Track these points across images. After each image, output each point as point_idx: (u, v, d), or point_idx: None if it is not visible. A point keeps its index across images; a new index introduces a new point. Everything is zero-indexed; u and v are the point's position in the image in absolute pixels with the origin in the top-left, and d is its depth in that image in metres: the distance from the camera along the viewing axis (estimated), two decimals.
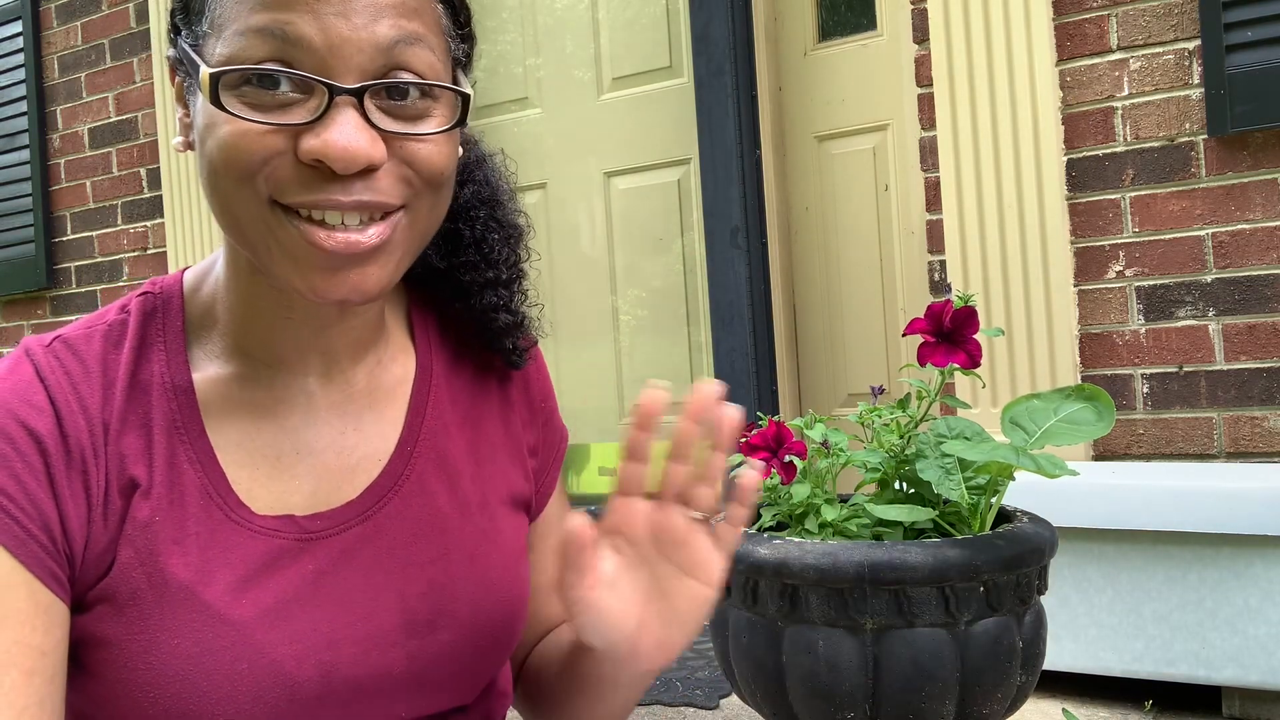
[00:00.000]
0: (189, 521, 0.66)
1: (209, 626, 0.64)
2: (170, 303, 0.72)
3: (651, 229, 2.77)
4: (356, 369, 0.75)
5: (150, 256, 3.48)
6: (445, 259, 0.80)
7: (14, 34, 3.72)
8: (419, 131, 0.63)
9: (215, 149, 0.61)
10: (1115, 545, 1.66)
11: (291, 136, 0.60)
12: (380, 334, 0.76)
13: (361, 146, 0.60)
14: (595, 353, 2.85)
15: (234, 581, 0.66)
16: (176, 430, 0.68)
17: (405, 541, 0.73)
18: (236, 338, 0.71)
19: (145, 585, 0.64)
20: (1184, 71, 1.99)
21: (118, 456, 0.66)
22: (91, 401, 0.66)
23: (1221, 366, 1.97)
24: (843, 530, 1.16)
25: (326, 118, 0.60)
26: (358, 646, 0.69)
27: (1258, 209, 1.94)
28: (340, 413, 0.74)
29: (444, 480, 0.76)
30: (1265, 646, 1.56)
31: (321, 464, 0.72)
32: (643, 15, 2.76)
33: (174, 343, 0.70)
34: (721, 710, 1.83)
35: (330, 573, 0.69)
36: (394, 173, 0.63)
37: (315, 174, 0.61)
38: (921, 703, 1.06)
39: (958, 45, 2.13)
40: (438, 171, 0.65)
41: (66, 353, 0.68)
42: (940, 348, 1.13)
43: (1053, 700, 1.73)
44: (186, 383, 0.69)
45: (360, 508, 0.72)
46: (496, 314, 0.79)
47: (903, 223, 2.42)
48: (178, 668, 0.63)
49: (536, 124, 2.92)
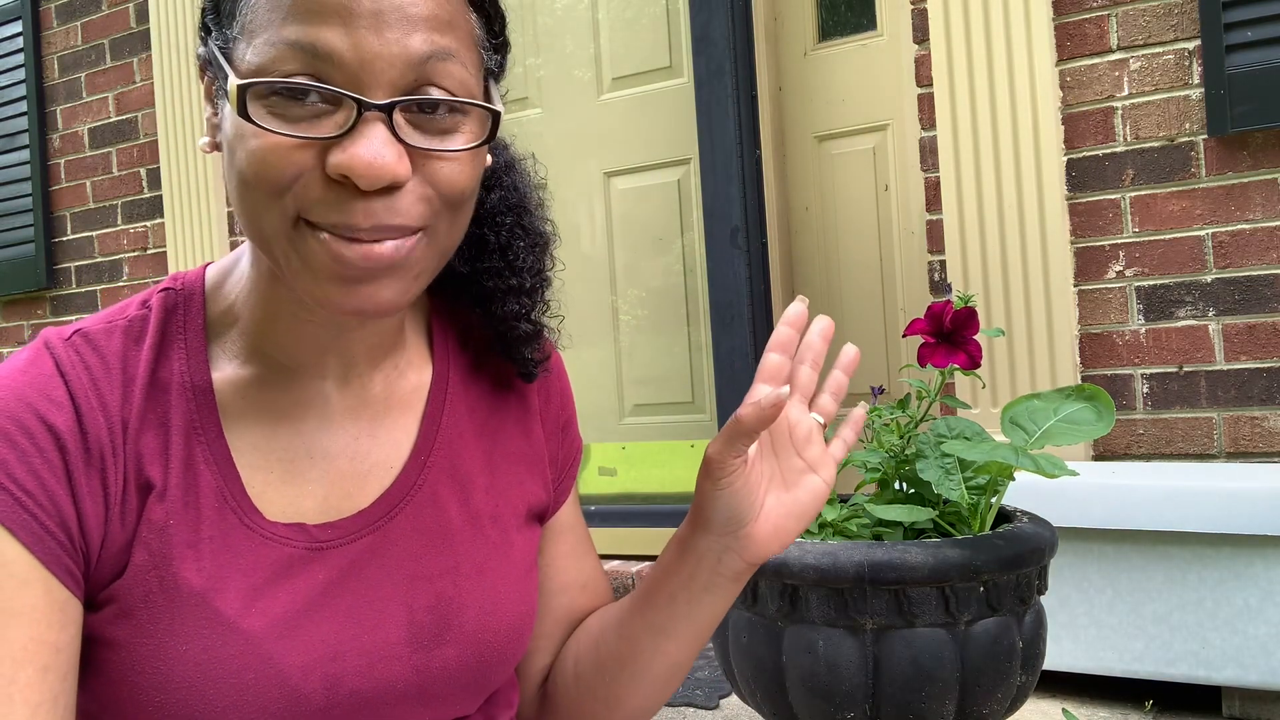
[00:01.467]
0: (204, 526, 0.66)
1: (219, 635, 0.64)
2: (192, 300, 0.72)
3: (651, 229, 2.77)
4: (374, 374, 0.75)
5: (150, 256, 3.48)
6: (469, 264, 0.79)
7: (14, 34, 3.72)
8: (446, 148, 0.63)
9: (245, 162, 0.61)
10: (1115, 545, 1.66)
11: (319, 151, 0.60)
12: (399, 341, 0.76)
13: (388, 162, 0.60)
14: (595, 352, 2.85)
15: (245, 590, 0.66)
16: (195, 431, 0.68)
17: (414, 554, 0.72)
18: (256, 339, 0.71)
19: (157, 589, 0.64)
20: (1184, 71, 1.99)
21: (135, 456, 0.66)
22: (111, 399, 0.66)
23: (1221, 366, 1.97)
24: (843, 530, 1.16)
25: (355, 132, 0.60)
26: (363, 659, 0.69)
27: (1258, 209, 1.94)
28: (355, 418, 0.74)
29: (457, 491, 0.76)
30: (1265, 646, 1.56)
31: (335, 469, 0.72)
32: (643, 15, 2.76)
33: (194, 341, 0.70)
34: (721, 710, 1.83)
35: (338, 583, 0.69)
36: (415, 192, 0.63)
37: (341, 191, 0.61)
38: (921, 703, 1.06)
39: (958, 45, 2.13)
40: (459, 192, 0.65)
41: (87, 347, 0.67)
42: (940, 348, 1.13)
43: (1053, 700, 1.73)
44: (206, 383, 0.69)
45: (371, 517, 0.72)
46: (518, 322, 0.78)
47: (903, 223, 2.42)
48: (186, 675, 0.63)
49: (536, 124, 2.92)
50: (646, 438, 2.79)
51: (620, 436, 2.81)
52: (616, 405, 2.81)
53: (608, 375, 2.83)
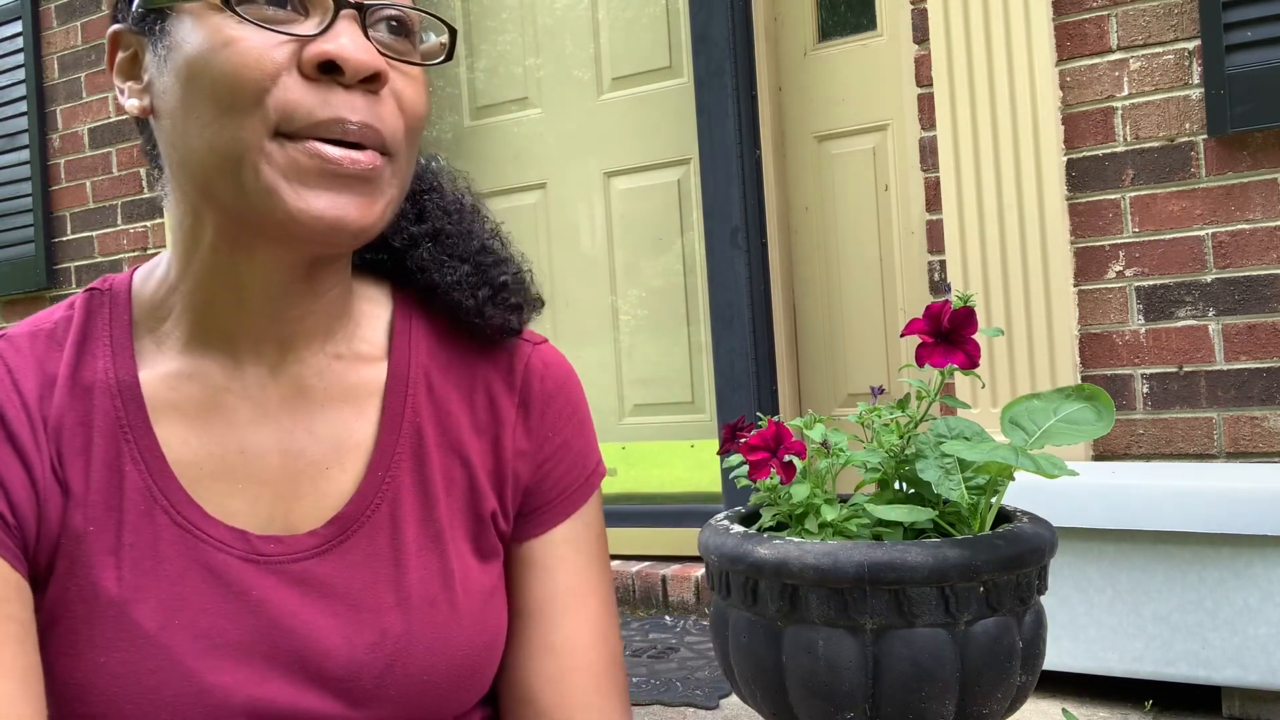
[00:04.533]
0: (125, 531, 0.64)
1: (138, 648, 0.62)
2: (118, 298, 0.70)
3: (651, 229, 2.77)
4: (312, 360, 0.71)
5: (150, 256, 3.48)
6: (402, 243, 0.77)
7: (14, 34, 3.72)
8: (411, 60, 0.65)
9: (222, 68, 0.60)
10: (1115, 545, 1.66)
11: (297, 50, 0.60)
12: (341, 325, 0.72)
13: (371, 49, 0.62)
14: (595, 352, 2.85)
15: (168, 599, 0.63)
16: (121, 430, 0.65)
17: (362, 584, 0.68)
18: (190, 325, 0.68)
19: (76, 598, 0.62)
20: (1184, 71, 1.99)
21: (56, 455, 0.64)
22: (30, 398, 0.65)
23: (1221, 366, 1.97)
24: (843, 530, 1.16)
25: (334, 28, 0.61)
26: (293, 687, 0.65)
27: (1258, 209, 1.94)
28: (291, 410, 0.69)
29: (418, 506, 0.71)
30: (1265, 646, 1.56)
31: (265, 467, 0.68)
32: (643, 15, 2.76)
33: (120, 339, 0.68)
34: (721, 710, 1.83)
35: (274, 604, 0.66)
36: (389, 104, 0.64)
37: (321, 90, 0.61)
38: (921, 703, 1.06)
39: (958, 45, 2.13)
40: (419, 116, 0.66)
41: (10, 349, 0.66)
42: (938, 348, 1.12)
43: (1053, 700, 1.73)
44: (132, 379, 0.67)
45: (323, 538, 0.68)
46: (465, 289, 0.74)
47: (903, 223, 2.42)
48: (104, 686, 0.61)
49: (536, 124, 2.92)
50: (646, 438, 2.79)
51: (620, 436, 2.81)
52: (616, 405, 2.81)
53: (608, 375, 2.83)
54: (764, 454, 1.17)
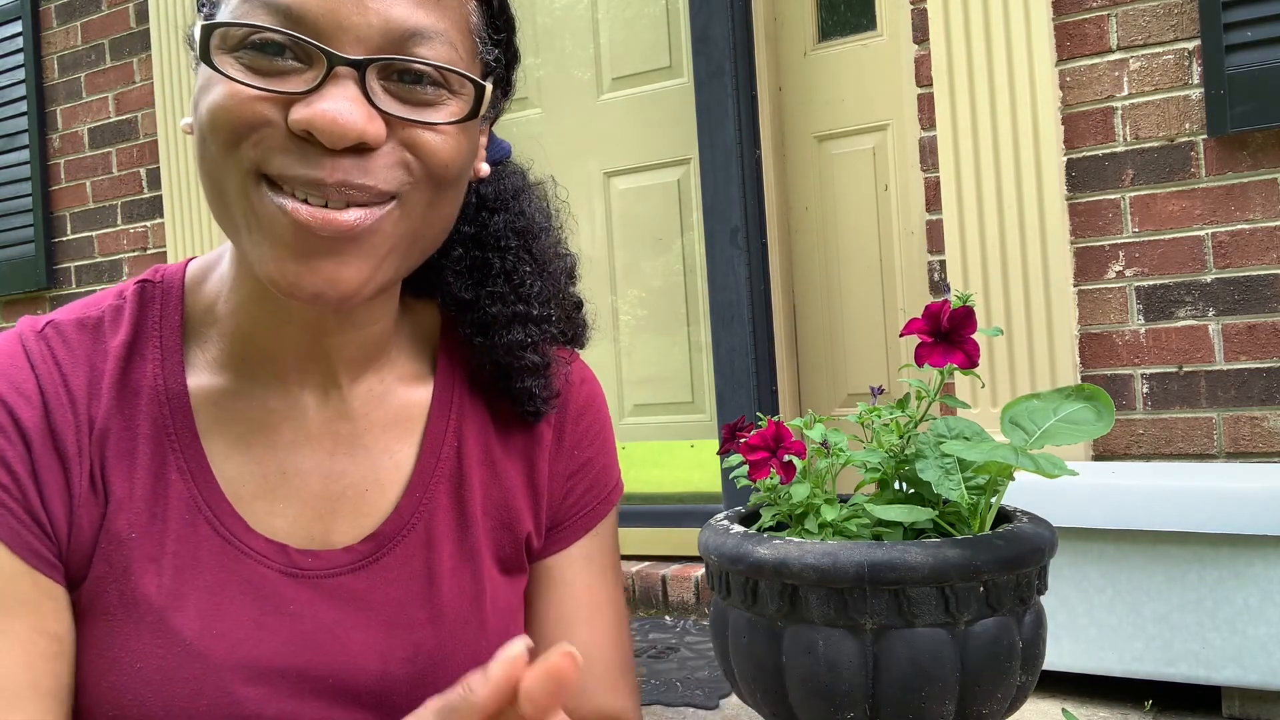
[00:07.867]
0: (169, 539, 0.63)
1: (175, 655, 0.62)
2: (170, 296, 0.69)
3: (651, 229, 2.77)
4: (355, 388, 0.70)
5: (150, 257, 3.48)
6: (473, 290, 0.74)
7: (14, 34, 3.72)
8: (426, 119, 0.59)
9: (205, 112, 0.58)
10: (1115, 545, 1.66)
11: (284, 106, 0.57)
12: (384, 355, 0.72)
13: (354, 119, 0.55)
14: (595, 352, 2.85)
15: (207, 607, 0.63)
16: (168, 438, 0.65)
17: (397, 601, 0.68)
18: (235, 343, 0.67)
19: (116, 603, 0.62)
20: (1184, 71, 1.99)
21: (100, 459, 0.63)
22: (79, 394, 0.64)
23: (1221, 366, 1.97)
24: (843, 530, 1.16)
25: (323, 89, 0.56)
26: (324, 700, 0.65)
27: (1257, 209, 1.94)
28: (333, 434, 0.69)
29: (455, 527, 0.71)
30: (1265, 646, 1.56)
31: (307, 488, 0.68)
32: (643, 15, 2.76)
33: (170, 342, 0.67)
34: (721, 710, 1.83)
35: (310, 617, 0.65)
36: (392, 156, 0.59)
37: (306, 148, 0.57)
38: (921, 703, 1.06)
39: (958, 45, 2.13)
40: (442, 162, 0.60)
41: (58, 340, 0.65)
42: (938, 348, 1.12)
43: (1053, 700, 1.73)
44: (181, 388, 0.66)
45: (359, 554, 0.68)
46: (522, 352, 0.72)
47: (903, 223, 2.42)
48: (138, 691, 0.61)
49: (536, 124, 2.92)
50: (646, 438, 2.79)
51: (620, 436, 2.81)
52: (616, 405, 2.81)
53: (608, 375, 2.83)
54: (764, 454, 1.18)
